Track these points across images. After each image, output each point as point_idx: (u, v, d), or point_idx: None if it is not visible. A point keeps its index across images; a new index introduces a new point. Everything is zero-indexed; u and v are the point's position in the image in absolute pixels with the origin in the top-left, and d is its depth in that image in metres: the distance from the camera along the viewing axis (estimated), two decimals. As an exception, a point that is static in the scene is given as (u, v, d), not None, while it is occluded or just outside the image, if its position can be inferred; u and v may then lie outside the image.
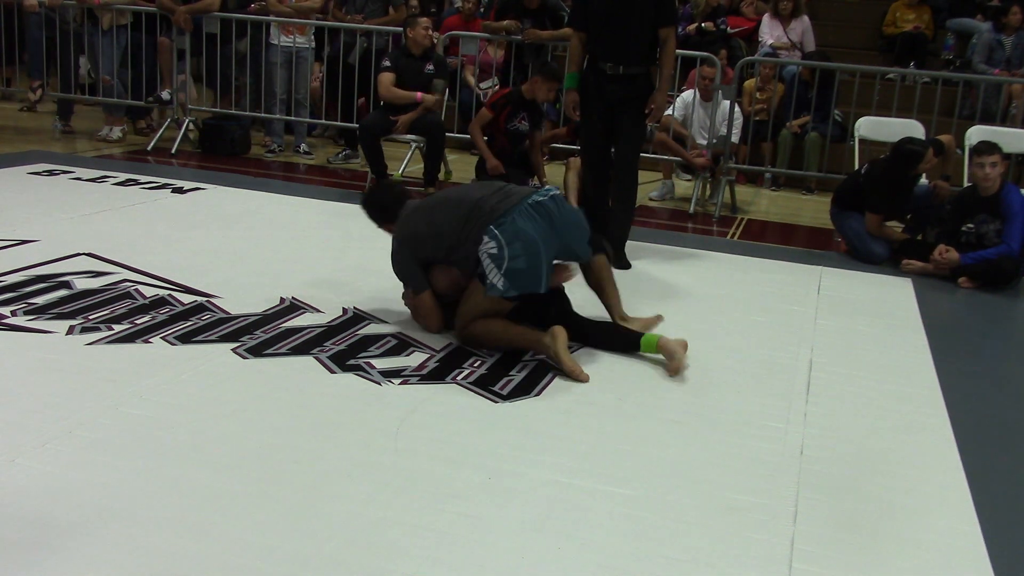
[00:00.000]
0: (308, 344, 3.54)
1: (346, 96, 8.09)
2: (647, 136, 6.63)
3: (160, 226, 5.17)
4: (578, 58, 5.18)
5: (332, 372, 3.31)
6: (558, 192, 3.72)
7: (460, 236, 3.56)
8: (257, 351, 3.43)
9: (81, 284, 4.04)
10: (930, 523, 2.59)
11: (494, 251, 3.45)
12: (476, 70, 8.33)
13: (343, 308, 3.97)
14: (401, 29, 7.05)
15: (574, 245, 3.70)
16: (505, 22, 7.31)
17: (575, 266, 3.82)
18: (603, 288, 3.88)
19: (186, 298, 3.95)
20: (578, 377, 3.39)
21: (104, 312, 3.71)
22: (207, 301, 3.93)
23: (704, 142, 7.29)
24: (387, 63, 6.69)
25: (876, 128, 6.80)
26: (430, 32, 6.81)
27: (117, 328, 3.55)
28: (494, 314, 3.59)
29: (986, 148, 5.29)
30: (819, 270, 5.33)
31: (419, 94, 6.59)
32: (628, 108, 5.03)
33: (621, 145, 5.13)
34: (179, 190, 6.17)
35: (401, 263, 3.79)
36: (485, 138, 6.30)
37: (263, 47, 7.96)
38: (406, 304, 3.91)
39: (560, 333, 3.48)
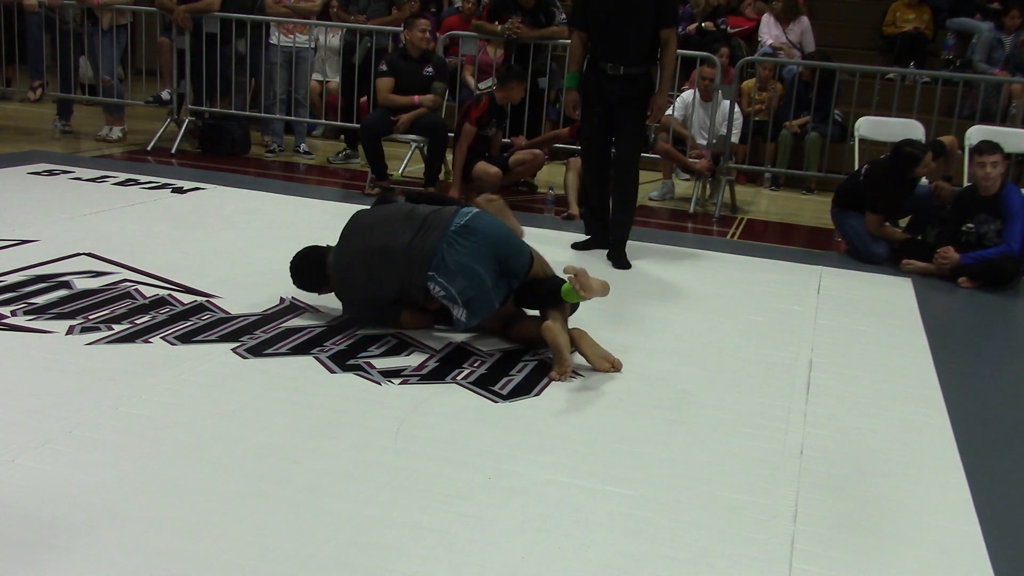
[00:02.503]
0: (308, 344, 3.54)
1: (347, 95, 8.09)
2: (650, 144, 6.64)
3: (160, 226, 5.17)
4: (578, 58, 5.19)
5: (332, 372, 3.31)
6: (475, 209, 3.69)
7: (405, 288, 3.61)
8: (257, 351, 3.44)
9: (81, 284, 4.04)
10: (930, 523, 2.59)
11: (443, 294, 3.53)
12: (476, 70, 8.32)
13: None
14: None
15: (511, 258, 3.60)
16: (500, 27, 7.29)
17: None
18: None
19: (186, 298, 3.95)
20: (598, 364, 3.47)
21: (104, 312, 3.71)
22: (207, 301, 3.93)
23: (704, 142, 7.29)
24: (384, 68, 6.65)
25: (876, 128, 6.80)
26: (428, 34, 6.77)
27: (117, 328, 3.55)
28: (508, 319, 3.68)
29: (987, 148, 5.28)
30: (819, 270, 5.32)
31: (416, 97, 6.58)
32: (628, 108, 5.03)
33: (621, 145, 5.14)
34: (179, 190, 6.17)
35: (364, 316, 3.78)
36: None
37: (263, 47, 7.96)
38: None
39: (555, 320, 3.47)
